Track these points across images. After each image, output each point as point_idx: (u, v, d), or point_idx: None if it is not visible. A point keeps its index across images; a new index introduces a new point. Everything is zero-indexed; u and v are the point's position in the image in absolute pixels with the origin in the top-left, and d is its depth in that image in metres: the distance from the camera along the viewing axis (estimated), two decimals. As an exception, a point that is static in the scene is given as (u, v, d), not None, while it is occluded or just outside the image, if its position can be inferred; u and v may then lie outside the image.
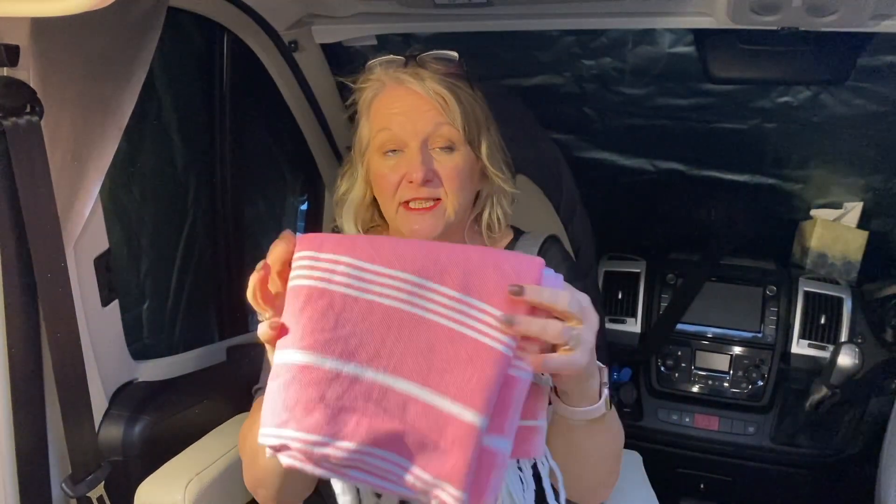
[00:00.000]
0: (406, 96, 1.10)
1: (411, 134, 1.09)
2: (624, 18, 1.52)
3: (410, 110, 1.09)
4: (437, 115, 1.09)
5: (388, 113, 1.11)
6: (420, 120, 1.09)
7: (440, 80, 1.10)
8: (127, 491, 1.19)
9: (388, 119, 1.11)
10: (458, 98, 1.10)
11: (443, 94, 1.09)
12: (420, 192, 1.10)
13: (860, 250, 2.18)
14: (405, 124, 1.09)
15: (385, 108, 1.12)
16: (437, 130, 1.09)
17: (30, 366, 1.07)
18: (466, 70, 1.14)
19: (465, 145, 1.12)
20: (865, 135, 2.09)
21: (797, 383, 1.97)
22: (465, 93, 1.12)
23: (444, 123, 1.09)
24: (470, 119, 1.12)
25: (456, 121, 1.10)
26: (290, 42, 1.66)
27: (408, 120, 1.09)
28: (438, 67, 1.12)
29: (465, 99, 1.12)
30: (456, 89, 1.11)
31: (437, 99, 1.09)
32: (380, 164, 1.12)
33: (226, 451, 1.27)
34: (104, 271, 1.24)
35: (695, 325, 2.06)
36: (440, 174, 1.10)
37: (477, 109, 1.14)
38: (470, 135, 1.11)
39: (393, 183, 1.11)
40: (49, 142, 1.04)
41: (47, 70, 1.02)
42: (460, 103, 1.10)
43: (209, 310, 1.79)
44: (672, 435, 2.03)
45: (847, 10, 1.30)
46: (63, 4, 0.76)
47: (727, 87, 2.06)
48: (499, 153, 1.18)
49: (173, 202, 1.65)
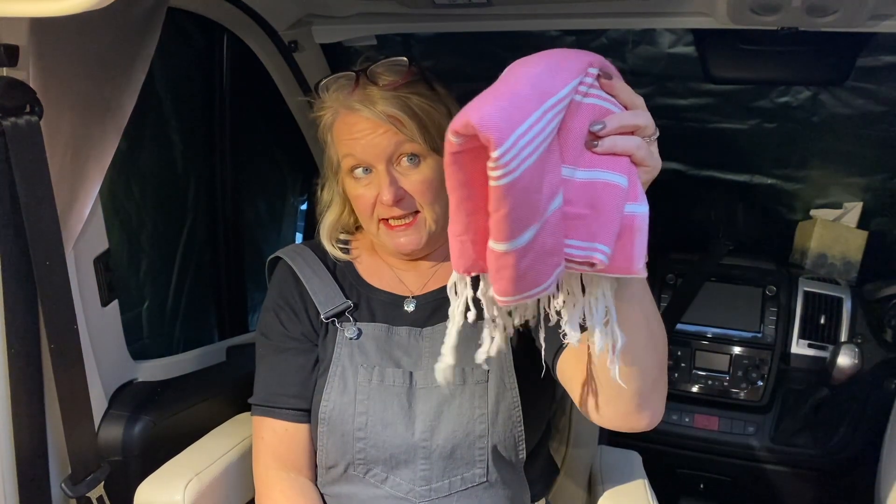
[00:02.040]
0: (361, 122, 1.11)
1: (374, 157, 1.11)
2: (624, 18, 1.52)
3: (368, 133, 1.10)
4: (394, 135, 1.10)
5: (348, 139, 1.12)
6: (380, 143, 1.10)
7: (391, 100, 1.10)
8: (126, 491, 1.19)
9: (350, 145, 1.12)
10: (411, 113, 1.10)
11: (395, 116, 1.09)
12: (394, 212, 1.13)
13: (860, 250, 2.18)
14: (366, 148, 1.11)
15: (345, 134, 1.13)
16: (399, 149, 1.11)
17: (30, 366, 1.07)
18: (420, 69, 1.14)
19: (431, 153, 1.12)
20: (865, 135, 2.09)
21: (797, 383, 1.97)
22: (421, 101, 1.12)
23: (403, 141, 1.10)
24: (429, 128, 1.12)
25: (415, 136, 1.10)
26: (290, 42, 1.66)
27: (368, 143, 1.10)
28: (389, 80, 1.11)
29: (421, 109, 1.11)
30: (408, 104, 1.10)
31: (391, 121, 1.10)
32: (353, 185, 1.15)
33: (226, 451, 1.27)
34: (104, 271, 1.24)
35: (695, 325, 2.05)
36: (410, 191, 1.12)
37: (436, 113, 1.13)
38: (433, 143, 1.12)
39: (369, 203, 1.14)
40: (49, 142, 1.04)
41: (47, 70, 1.02)
42: (415, 118, 1.10)
43: (209, 310, 1.79)
44: (672, 435, 2.03)
45: (846, 10, 1.30)
46: (63, 4, 0.76)
47: (727, 87, 2.06)
48: None
49: (173, 202, 1.65)
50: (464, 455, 1.13)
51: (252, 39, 1.64)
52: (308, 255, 1.26)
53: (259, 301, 1.87)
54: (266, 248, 2.03)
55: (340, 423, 1.15)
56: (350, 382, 1.15)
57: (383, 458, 1.14)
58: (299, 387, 1.19)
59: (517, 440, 1.15)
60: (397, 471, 1.14)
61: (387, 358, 1.17)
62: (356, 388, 1.15)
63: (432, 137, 1.11)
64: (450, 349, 0.77)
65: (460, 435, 1.12)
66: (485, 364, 0.78)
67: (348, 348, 1.18)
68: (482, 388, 1.14)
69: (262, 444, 1.20)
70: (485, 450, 1.13)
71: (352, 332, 1.18)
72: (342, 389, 1.15)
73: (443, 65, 2.09)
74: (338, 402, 1.15)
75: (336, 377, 1.16)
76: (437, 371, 0.78)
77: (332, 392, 1.16)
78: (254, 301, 1.90)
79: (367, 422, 1.13)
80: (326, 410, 1.15)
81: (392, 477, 1.14)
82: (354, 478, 1.16)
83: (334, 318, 1.20)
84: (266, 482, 1.18)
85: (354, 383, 1.15)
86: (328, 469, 1.17)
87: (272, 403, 1.19)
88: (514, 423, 1.14)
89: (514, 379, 1.15)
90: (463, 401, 1.13)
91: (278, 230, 2.13)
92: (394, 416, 1.13)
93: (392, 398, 1.14)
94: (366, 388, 1.15)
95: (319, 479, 1.20)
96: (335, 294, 1.22)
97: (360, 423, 1.14)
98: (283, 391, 1.19)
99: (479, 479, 1.14)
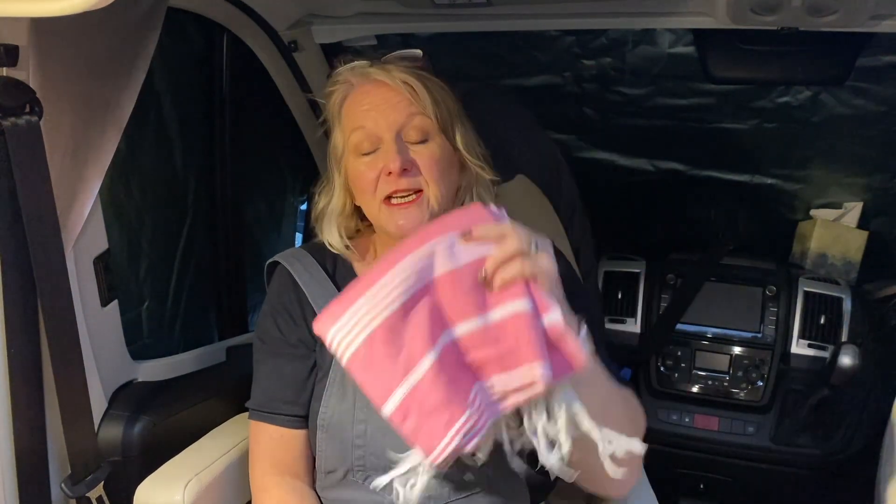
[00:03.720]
0: (375, 90, 1.11)
1: (384, 127, 1.09)
2: (624, 18, 1.52)
3: (381, 103, 1.10)
4: (408, 106, 1.09)
5: (359, 111, 1.11)
6: (392, 112, 1.09)
7: (407, 70, 1.11)
8: (126, 491, 1.19)
9: (360, 117, 1.11)
10: (427, 87, 1.11)
11: (411, 83, 1.10)
12: (400, 184, 1.08)
13: (860, 250, 2.18)
14: (378, 119, 1.09)
15: (356, 106, 1.12)
16: (410, 121, 1.10)
17: (29, 366, 1.07)
18: (432, 67, 1.16)
19: (440, 134, 1.12)
20: (865, 135, 2.09)
21: (797, 383, 1.97)
22: (435, 83, 1.13)
23: (416, 113, 1.10)
24: (442, 108, 1.12)
25: (427, 108, 1.10)
26: (290, 42, 1.66)
27: (380, 114, 1.09)
28: (405, 64, 1.13)
29: (435, 89, 1.12)
30: (424, 79, 1.12)
31: (406, 88, 1.09)
32: (356, 163, 1.12)
33: (225, 451, 1.27)
34: (104, 271, 1.24)
35: (695, 325, 2.05)
36: (418, 164, 1.09)
37: (448, 100, 1.14)
38: (444, 124, 1.12)
39: (371, 179, 1.10)
40: (49, 142, 1.04)
41: (47, 70, 1.02)
42: (430, 92, 1.11)
43: (209, 310, 1.79)
44: (672, 435, 2.03)
45: (847, 10, 1.30)
46: (63, 4, 0.76)
47: (727, 87, 2.06)
48: (475, 145, 1.18)
49: (173, 202, 1.65)
50: (463, 465, 1.10)
51: (252, 39, 1.64)
52: (307, 260, 1.23)
53: (259, 301, 1.87)
54: (266, 248, 2.03)
55: (339, 431, 1.13)
56: (349, 389, 1.13)
57: (383, 466, 1.11)
58: (296, 393, 1.17)
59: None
60: None
61: None
62: (355, 395, 1.13)
63: (443, 115, 1.11)
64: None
65: None
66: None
67: None
68: None
69: (259, 449, 1.18)
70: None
71: None
72: (341, 396, 1.14)
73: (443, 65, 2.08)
74: (337, 409, 1.13)
75: (335, 384, 1.14)
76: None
77: (330, 399, 1.14)
78: (253, 301, 1.90)
79: (367, 430, 1.12)
80: (325, 417, 1.14)
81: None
82: (353, 483, 1.14)
83: None
84: (262, 486, 1.16)
85: (353, 390, 1.13)
86: (327, 474, 1.16)
87: (269, 409, 1.17)
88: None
89: None
90: None
91: (278, 230, 2.13)
92: None
93: None
94: (365, 396, 1.14)
95: (318, 482, 1.19)
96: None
97: (359, 431, 1.12)
98: (280, 397, 1.17)
99: (479, 486, 1.13)
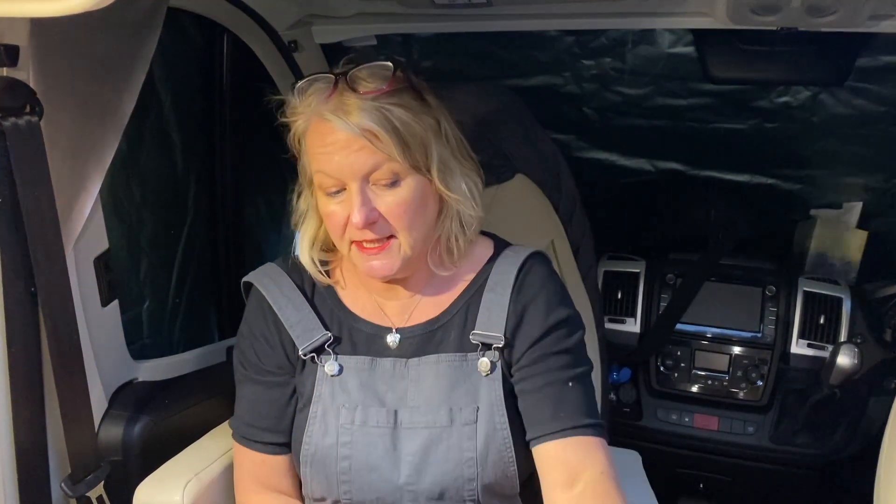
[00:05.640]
0: (334, 132, 1.00)
1: (348, 175, 1.01)
2: (624, 18, 1.52)
3: (342, 149, 1.00)
4: (371, 153, 1.00)
5: (321, 152, 1.02)
6: (355, 161, 1.00)
7: (368, 112, 0.99)
8: (126, 491, 1.19)
9: (323, 161, 1.02)
10: (390, 128, 0.99)
11: (371, 130, 0.99)
12: (366, 235, 1.03)
13: (860, 250, 2.18)
14: (341, 165, 1.00)
15: (317, 146, 1.03)
16: (377, 168, 1.00)
17: (30, 366, 1.07)
18: (408, 76, 1.05)
19: (412, 172, 1.03)
20: (865, 135, 2.10)
21: (797, 383, 1.97)
22: (403, 113, 1.01)
23: (381, 161, 1.00)
24: (409, 144, 1.01)
25: (393, 153, 1.00)
26: (290, 42, 1.66)
27: (343, 159, 1.00)
28: (371, 87, 1.01)
29: (402, 123, 1.01)
30: (388, 117, 1.00)
31: (367, 135, 0.99)
32: (326, 203, 1.05)
33: (225, 452, 1.27)
34: (104, 271, 1.24)
35: (694, 325, 2.05)
36: (385, 214, 1.02)
37: (418, 127, 1.03)
38: (414, 161, 1.02)
39: (340, 223, 1.04)
40: (49, 142, 1.04)
41: (47, 70, 1.02)
42: (394, 132, 1.00)
43: (209, 310, 1.79)
44: (671, 435, 2.03)
45: (846, 10, 1.30)
46: (63, 4, 0.76)
47: (727, 87, 2.07)
48: (454, 158, 1.09)
49: (173, 202, 1.65)
50: (453, 497, 1.09)
51: (252, 39, 1.63)
52: (282, 280, 1.17)
53: (259, 301, 1.86)
54: (266, 248, 2.02)
55: (323, 467, 1.11)
56: (332, 425, 1.10)
57: (370, 500, 1.10)
58: (277, 420, 1.15)
59: (510, 478, 1.10)
60: None
61: (370, 395, 1.11)
62: (338, 430, 1.10)
63: (412, 155, 1.02)
64: None
65: (448, 479, 1.08)
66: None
67: (329, 386, 1.12)
68: (471, 429, 1.08)
69: (242, 470, 1.17)
70: (475, 491, 1.09)
71: (333, 367, 1.11)
72: (323, 432, 1.11)
73: (443, 65, 2.09)
74: (320, 444, 1.10)
75: (317, 420, 1.11)
76: None
77: (312, 435, 1.11)
78: (254, 301, 1.90)
79: (351, 466, 1.09)
80: (308, 453, 1.11)
81: None
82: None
83: (313, 354, 1.12)
84: (247, 502, 1.16)
85: (336, 425, 1.10)
86: (315, 501, 1.15)
87: (248, 436, 1.16)
88: (507, 464, 1.09)
89: (506, 419, 1.08)
90: (451, 443, 1.08)
91: (278, 230, 2.12)
92: (378, 459, 1.08)
93: (376, 440, 1.09)
94: (349, 430, 1.09)
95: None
96: (313, 326, 1.13)
97: (343, 468, 1.09)
98: (258, 424, 1.15)
99: None
